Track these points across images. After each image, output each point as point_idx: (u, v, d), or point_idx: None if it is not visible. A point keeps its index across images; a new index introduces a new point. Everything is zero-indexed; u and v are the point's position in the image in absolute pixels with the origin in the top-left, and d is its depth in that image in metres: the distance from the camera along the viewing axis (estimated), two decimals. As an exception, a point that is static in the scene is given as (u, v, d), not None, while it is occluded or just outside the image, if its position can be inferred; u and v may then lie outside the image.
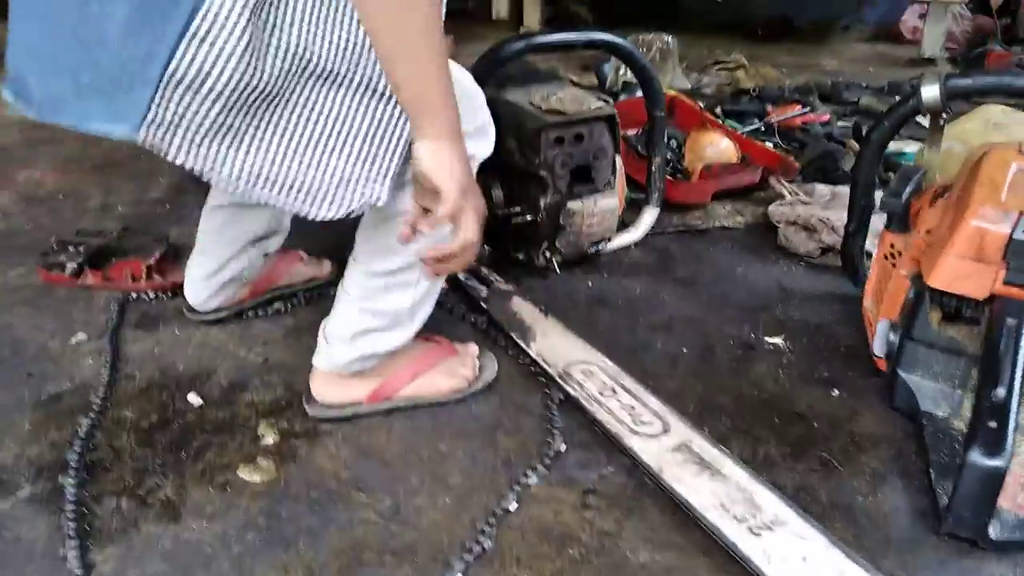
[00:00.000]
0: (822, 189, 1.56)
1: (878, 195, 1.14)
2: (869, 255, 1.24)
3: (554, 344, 1.10)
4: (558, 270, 1.33)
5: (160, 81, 0.67)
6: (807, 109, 2.04)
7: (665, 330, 1.18)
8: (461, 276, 1.31)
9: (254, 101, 0.72)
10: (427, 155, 0.74)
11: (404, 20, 0.69)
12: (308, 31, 0.73)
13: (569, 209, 1.27)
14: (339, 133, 0.78)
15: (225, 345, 1.13)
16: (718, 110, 2.03)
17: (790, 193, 1.57)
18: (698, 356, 1.12)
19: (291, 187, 0.78)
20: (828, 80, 2.50)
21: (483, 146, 0.95)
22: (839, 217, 1.40)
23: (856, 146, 1.83)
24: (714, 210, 1.60)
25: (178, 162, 0.72)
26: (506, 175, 1.33)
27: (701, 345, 1.15)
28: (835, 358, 1.13)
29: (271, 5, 0.70)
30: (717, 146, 1.66)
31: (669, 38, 2.25)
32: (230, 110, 0.71)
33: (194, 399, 1.01)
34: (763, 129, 1.95)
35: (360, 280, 0.95)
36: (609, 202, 1.31)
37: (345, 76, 0.76)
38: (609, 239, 1.36)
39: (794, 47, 3.08)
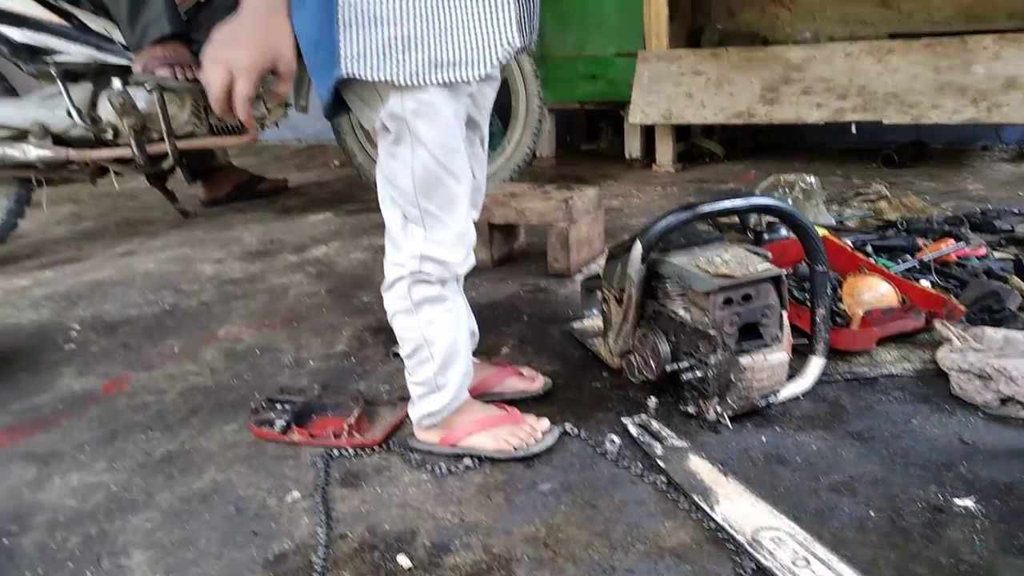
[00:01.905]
0: (992, 334, 1.54)
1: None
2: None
3: (739, 508, 1.13)
4: (729, 424, 1.36)
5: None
6: (961, 243, 2.03)
7: (849, 492, 1.18)
8: (633, 431, 1.36)
9: None
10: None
11: None
12: None
13: (740, 364, 1.31)
14: None
15: (423, 504, 1.21)
16: (868, 248, 2.04)
17: (958, 338, 1.56)
18: (887, 521, 1.11)
19: None
20: (977, 208, 2.47)
21: (455, 252, 1.22)
22: (1015, 366, 1.38)
23: (1020, 283, 1.79)
24: (879, 355, 1.60)
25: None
26: (672, 331, 1.40)
27: (888, 508, 1.14)
28: (1034, 522, 1.10)
29: None
30: (876, 291, 1.67)
31: (812, 178, 2.30)
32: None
33: (404, 561, 1.09)
34: (917, 266, 1.94)
35: (406, 363, 1.31)
36: (778, 356, 1.35)
37: None
38: (778, 391, 1.39)
39: (933, 171, 3.06)
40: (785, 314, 1.37)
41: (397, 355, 1.74)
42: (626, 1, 3.31)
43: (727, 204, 1.37)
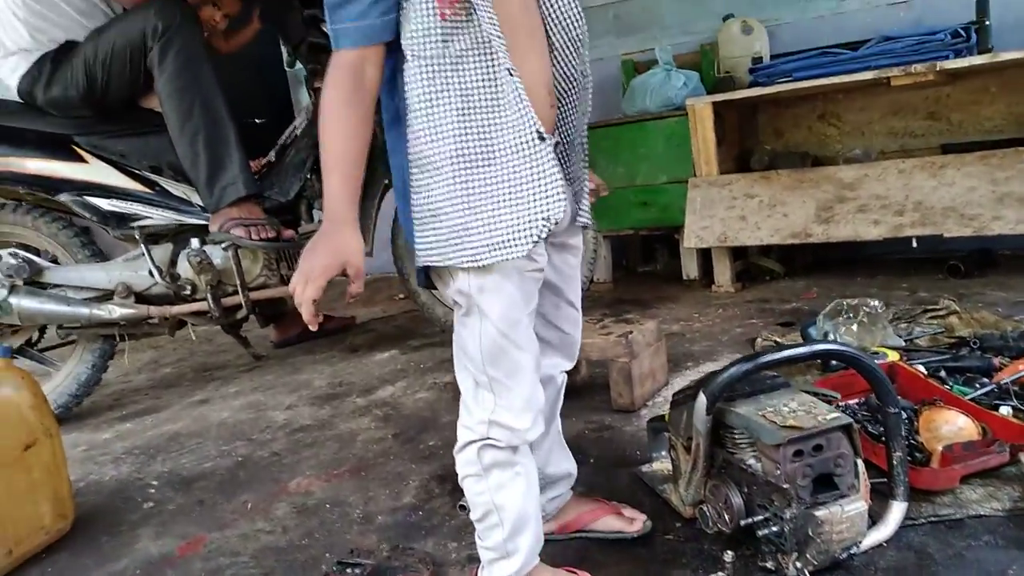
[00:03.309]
0: (1087, 468, 1.46)
1: None
2: None
3: None
4: (811, 580, 1.31)
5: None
6: (1042, 363, 1.95)
7: (946, 658, 1.11)
8: (711, 591, 1.32)
9: None
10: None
11: (324, 143, 1.16)
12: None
13: (816, 519, 1.27)
14: None
15: None
16: (942, 372, 1.99)
17: (1048, 472, 1.48)
18: None
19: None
20: (1054, 319, 2.39)
21: (523, 419, 1.26)
22: (1116, 505, 1.30)
23: (1109, 405, 1.71)
24: (963, 494, 1.52)
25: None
26: (744, 482, 1.37)
27: (992, 677, 1.07)
28: None
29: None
30: (955, 425, 1.61)
31: (875, 302, 2.28)
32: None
33: None
34: (996, 390, 1.87)
35: (476, 527, 1.32)
36: (857, 506, 1.30)
37: None
38: (860, 542, 1.34)
39: (1003, 280, 2.98)
40: (860, 461, 1.33)
41: (464, 507, 1.74)
42: (673, 131, 3.42)
43: (790, 353, 1.37)
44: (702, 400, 1.37)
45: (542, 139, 1.14)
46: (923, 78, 2.79)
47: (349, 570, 1.48)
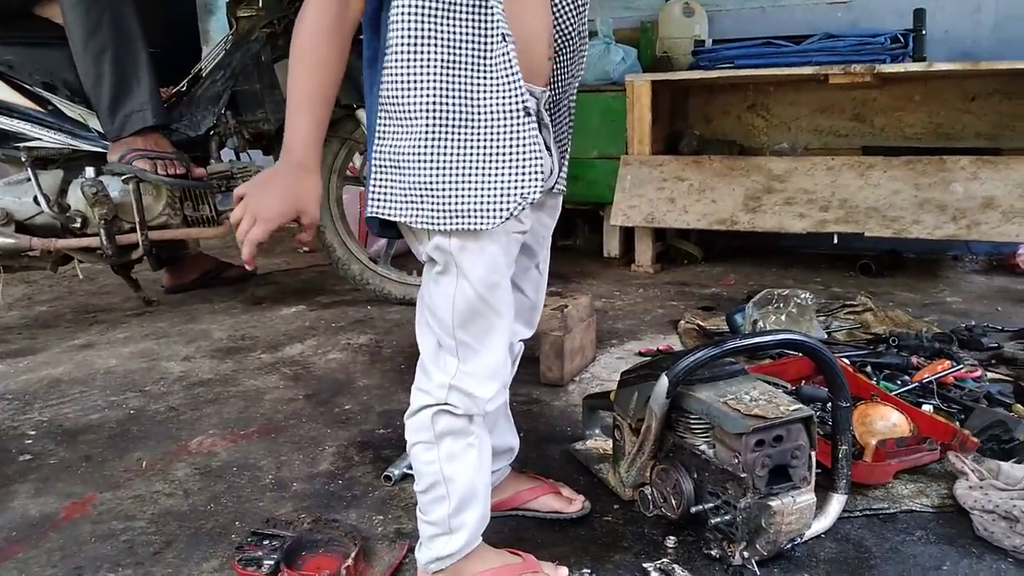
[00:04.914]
0: (1009, 470, 1.49)
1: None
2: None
3: (786, 678, 1.04)
4: (756, 570, 1.28)
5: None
6: (960, 366, 2.01)
7: (896, 657, 1.10)
8: (655, 578, 1.27)
9: None
10: None
11: (295, 75, 1.05)
12: None
13: (770, 509, 1.24)
14: None
15: (436, 668, 1.09)
16: (869, 368, 2.02)
17: (974, 472, 1.51)
18: None
19: None
20: (961, 323, 2.49)
21: (486, 387, 1.16)
22: (1044, 508, 1.33)
23: (1023, 410, 1.77)
24: (895, 489, 1.54)
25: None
26: (695, 468, 1.33)
27: (942, 678, 1.06)
28: None
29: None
30: (888, 420, 1.63)
31: (805, 294, 2.30)
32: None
33: None
34: (917, 389, 1.91)
35: (419, 498, 1.22)
36: (807, 498, 1.28)
37: None
38: (803, 533, 1.32)
39: (911, 282, 3.10)
40: (814, 455, 1.31)
41: (389, 478, 1.63)
42: (609, 106, 3.36)
43: (756, 340, 1.33)
44: (664, 382, 1.31)
45: (528, 114, 1.05)
46: (860, 78, 2.83)
47: (267, 541, 1.35)
